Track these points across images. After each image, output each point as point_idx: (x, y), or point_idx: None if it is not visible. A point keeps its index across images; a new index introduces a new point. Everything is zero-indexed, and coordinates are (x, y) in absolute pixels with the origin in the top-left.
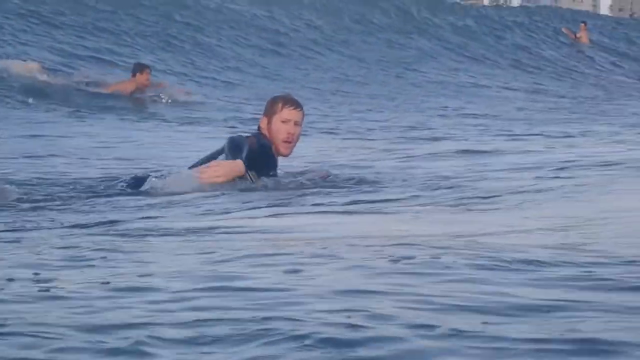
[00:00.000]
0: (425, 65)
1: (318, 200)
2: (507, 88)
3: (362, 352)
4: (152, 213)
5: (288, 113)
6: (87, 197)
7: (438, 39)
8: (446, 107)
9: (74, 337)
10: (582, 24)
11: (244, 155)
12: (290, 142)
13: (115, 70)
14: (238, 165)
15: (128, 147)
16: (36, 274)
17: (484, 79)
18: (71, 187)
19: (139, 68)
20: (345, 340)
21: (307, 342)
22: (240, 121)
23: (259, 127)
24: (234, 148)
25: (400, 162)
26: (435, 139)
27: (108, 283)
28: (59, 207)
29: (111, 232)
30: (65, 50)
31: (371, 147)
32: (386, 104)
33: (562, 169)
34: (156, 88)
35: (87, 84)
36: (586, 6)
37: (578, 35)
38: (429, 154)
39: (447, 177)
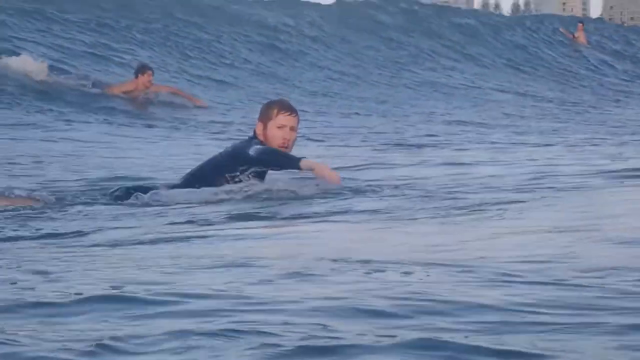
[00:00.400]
0: (421, 65)
1: (298, 210)
2: (498, 90)
3: None
4: (133, 222)
5: (283, 119)
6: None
7: (439, 36)
8: (434, 112)
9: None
10: (580, 24)
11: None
12: (286, 148)
13: (111, 66)
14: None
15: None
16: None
17: (477, 79)
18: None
19: (141, 69)
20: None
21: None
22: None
23: (254, 133)
24: (283, 155)
25: (380, 170)
26: (418, 147)
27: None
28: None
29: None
30: (64, 47)
31: (354, 155)
32: (375, 107)
33: (536, 179)
34: (159, 90)
35: (91, 84)
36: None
37: (576, 35)
38: (410, 163)
39: (424, 188)
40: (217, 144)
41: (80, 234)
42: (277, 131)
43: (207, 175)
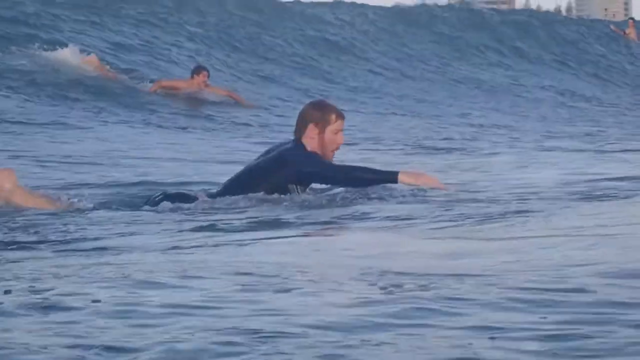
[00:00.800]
0: (467, 60)
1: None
2: (540, 88)
3: None
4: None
5: (340, 124)
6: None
7: (490, 31)
8: (469, 113)
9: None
10: (630, 21)
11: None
12: (337, 150)
13: (160, 61)
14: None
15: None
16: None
17: (522, 76)
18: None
19: (197, 70)
20: None
21: None
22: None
23: (299, 137)
24: (323, 162)
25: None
26: (449, 151)
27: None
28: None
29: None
30: (118, 43)
31: (381, 160)
32: (412, 106)
33: (562, 186)
34: (213, 91)
35: (140, 81)
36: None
37: (627, 31)
38: (437, 169)
39: (449, 194)
40: (249, 146)
41: (109, 241)
42: (334, 136)
43: (248, 183)
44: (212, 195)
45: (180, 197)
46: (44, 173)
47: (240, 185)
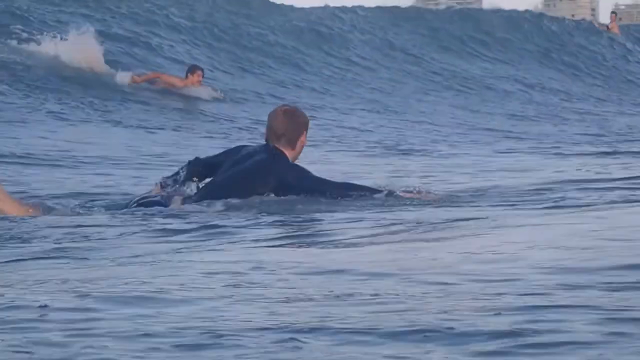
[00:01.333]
0: (447, 52)
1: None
2: (515, 80)
3: None
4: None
5: None
6: None
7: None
8: (436, 109)
9: None
10: (613, 15)
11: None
12: None
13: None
14: None
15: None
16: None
17: (498, 69)
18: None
19: (192, 69)
20: None
21: None
22: None
23: (294, 141)
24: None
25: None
26: (408, 152)
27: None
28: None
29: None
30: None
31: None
32: (382, 102)
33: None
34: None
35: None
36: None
37: (610, 26)
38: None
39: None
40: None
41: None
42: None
43: (225, 193)
44: (191, 200)
45: (153, 204)
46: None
47: (222, 190)
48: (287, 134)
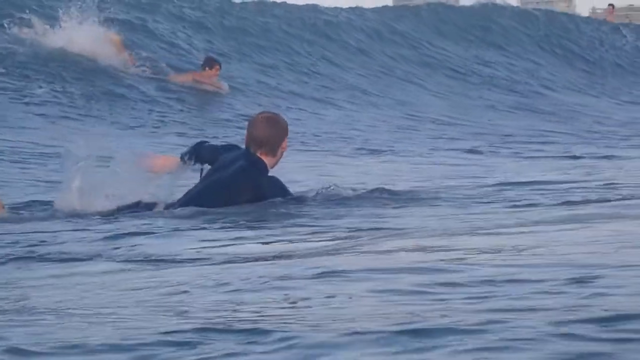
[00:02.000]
0: (444, 42)
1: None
2: (505, 69)
3: None
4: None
5: None
6: None
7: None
8: (413, 102)
9: None
10: (610, 7)
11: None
12: None
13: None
14: None
15: None
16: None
17: (489, 58)
18: None
19: (209, 62)
20: None
21: None
22: None
23: (276, 148)
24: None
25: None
26: (378, 153)
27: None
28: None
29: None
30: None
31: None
32: (361, 96)
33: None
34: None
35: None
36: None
37: (607, 18)
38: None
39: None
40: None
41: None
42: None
43: (208, 201)
44: (174, 207)
45: (138, 208)
46: None
47: (201, 199)
48: (269, 142)
